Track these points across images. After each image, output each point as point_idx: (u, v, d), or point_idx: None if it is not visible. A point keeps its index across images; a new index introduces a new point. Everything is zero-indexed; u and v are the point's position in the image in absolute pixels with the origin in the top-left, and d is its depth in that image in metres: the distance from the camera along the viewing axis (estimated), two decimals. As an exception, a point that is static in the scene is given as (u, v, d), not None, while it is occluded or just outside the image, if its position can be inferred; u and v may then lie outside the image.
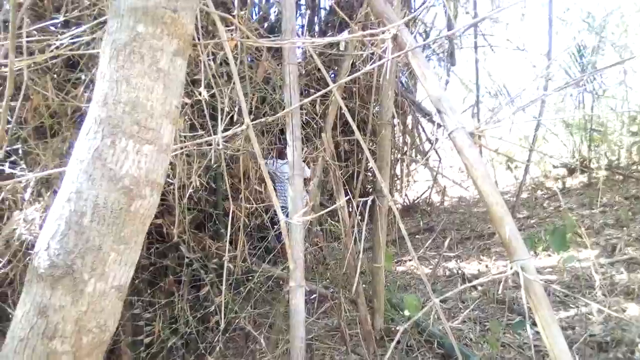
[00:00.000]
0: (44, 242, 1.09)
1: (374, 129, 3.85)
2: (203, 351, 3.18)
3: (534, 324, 3.91)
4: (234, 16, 3.19)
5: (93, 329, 1.10)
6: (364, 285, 4.01)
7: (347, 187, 3.85)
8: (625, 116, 8.24)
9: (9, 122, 3.09)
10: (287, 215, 4.63)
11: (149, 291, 3.59)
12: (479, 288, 4.62)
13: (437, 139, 7.80)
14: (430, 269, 5.25)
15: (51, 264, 1.07)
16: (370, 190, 5.81)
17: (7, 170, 3.14)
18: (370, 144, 4.52)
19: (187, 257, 3.49)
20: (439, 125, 8.16)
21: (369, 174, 5.55)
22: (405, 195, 8.47)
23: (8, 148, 3.20)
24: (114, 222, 1.12)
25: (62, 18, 2.96)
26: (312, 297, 3.86)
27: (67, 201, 1.11)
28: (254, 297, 3.70)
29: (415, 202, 8.38)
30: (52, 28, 3.20)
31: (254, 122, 1.72)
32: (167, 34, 1.14)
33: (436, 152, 8.59)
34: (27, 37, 2.68)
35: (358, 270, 2.72)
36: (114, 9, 1.14)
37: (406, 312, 3.17)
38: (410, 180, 8.50)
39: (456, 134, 1.86)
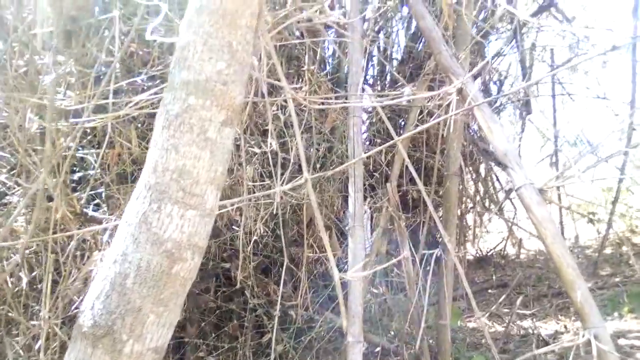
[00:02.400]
0: (90, 301, 1.16)
1: (440, 179, 3.78)
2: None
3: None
4: (303, 71, 3.32)
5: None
6: (431, 341, 3.86)
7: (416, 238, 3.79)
8: None
9: (92, 168, 3.33)
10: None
11: (213, 335, 3.64)
12: (556, 350, 4.31)
13: (510, 190, 7.52)
14: (503, 327, 4.97)
15: (94, 324, 1.13)
16: (440, 241, 5.66)
17: (91, 213, 3.36)
18: (438, 194, 4.43)
19: (250, 302, 3.53)
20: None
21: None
22: (478, 247, 8.16)
23: (92, 192, 3.43)
24: (155, 285, 1.17)
25: (147, 73, 3.19)
26: (375, 350, 3.76)
27: (114, 263, 1.17)
28: (315, 346, 3.65)
29: (489, 254, 8.04)
30: (139, 81, 3.44)
31: (314, 176, 1.75)
32: (217, 105, 1.21)
33: (511, 202, 8.26)
34: (115, 91, 2.92)
35: (422, 325, 2.63)
36: (170, 83, 1.23)
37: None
38: (483, 231, 8.18)
39: (524, 190, 1.80)
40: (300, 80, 3.51)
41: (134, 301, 1.13)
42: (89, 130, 3.25)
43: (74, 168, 3.43)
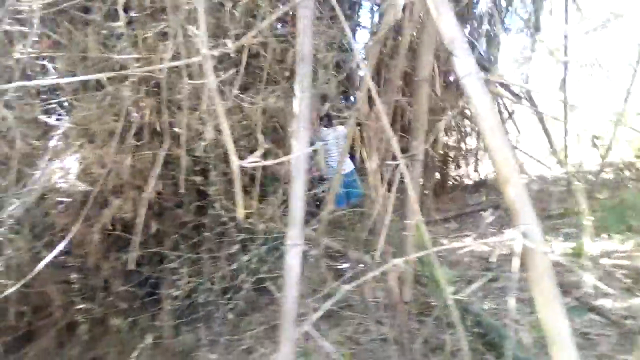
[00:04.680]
0: None
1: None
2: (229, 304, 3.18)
3: (591, 309, 3.56)
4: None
5: None
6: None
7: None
8: None
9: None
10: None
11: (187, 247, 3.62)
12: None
13: (514, 111, 7.27)
14: (491, 247, 4.92)
15: None
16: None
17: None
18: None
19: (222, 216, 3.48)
20: (517, 96, 7.59)
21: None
22: (477, 171, 8.02)
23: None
24: None
25: None
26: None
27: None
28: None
29: (487, 178, 7.90)
30: None
31: (213, 49, 1.58)
32: None
33: (514, 123, 8.03)
34: None
35: (383, 236, 2.56)
36: None
37: (449, 288, 2.98)
38: (481, 154, 8.01)
39: (468, 80, 1.63)
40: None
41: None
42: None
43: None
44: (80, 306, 3.46)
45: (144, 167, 3.29)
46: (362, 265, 3.38)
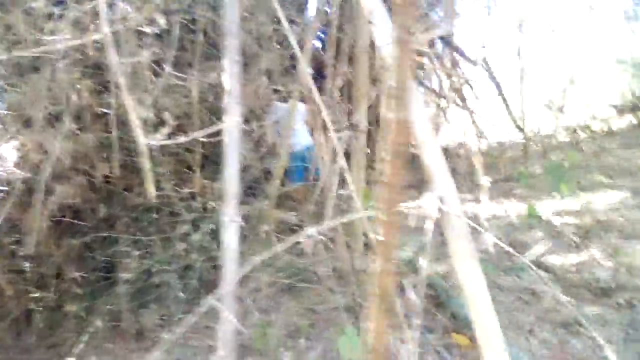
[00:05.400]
0: None
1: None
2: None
3: (538, 267, 3.68)
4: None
5: None
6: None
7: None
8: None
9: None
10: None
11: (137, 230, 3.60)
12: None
13: (468, 79, 7.33)
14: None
15: None
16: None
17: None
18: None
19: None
20: (473, 63, 7.65)
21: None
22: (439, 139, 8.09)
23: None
24: None
25: None
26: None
27: None
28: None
29: (447, 146, 7.99)
30: None
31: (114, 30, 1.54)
32: None
33: (473, 92, 8.10)
34: None
35: (330, 206, 2.58)
36: None
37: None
38: (443, 122, 8.08)
39: (387, 49, 1.63)
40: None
41: None
42: None
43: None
44: (35, 295, 3.42)
45: (87, 151, 3.23)
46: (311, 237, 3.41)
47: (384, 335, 1.22)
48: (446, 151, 8.11)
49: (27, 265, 3.43)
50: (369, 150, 3.57)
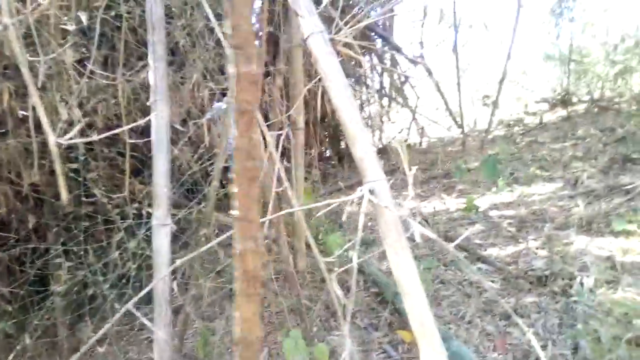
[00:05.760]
0: None
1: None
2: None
3: (478, 259, 3.75)
4: None
5: None
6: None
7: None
8: (608, 46, 7.82)
9: None
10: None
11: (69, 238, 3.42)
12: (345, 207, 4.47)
13: (407, 77, 7.45)
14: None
15: None
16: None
17: None
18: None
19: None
20: (413, 61, 7.79)
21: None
22: (380, 137, 8.20)
23: None
24: None
25: None
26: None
27: None
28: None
29: (390, 143, 8.10)
30: None
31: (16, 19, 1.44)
32: None
33: (413, 90, 8.25)
34: None
35: (270, 207, 2.51)
36: None
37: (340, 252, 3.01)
38: (385, 120, 8.20)
39: (313, 39, 1.59)
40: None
41: None
42: None
43: None
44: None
45: (10, 158, 3.03)
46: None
47: (252, 324, 1.15)
48: (387, 149, 8.23)
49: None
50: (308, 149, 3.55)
